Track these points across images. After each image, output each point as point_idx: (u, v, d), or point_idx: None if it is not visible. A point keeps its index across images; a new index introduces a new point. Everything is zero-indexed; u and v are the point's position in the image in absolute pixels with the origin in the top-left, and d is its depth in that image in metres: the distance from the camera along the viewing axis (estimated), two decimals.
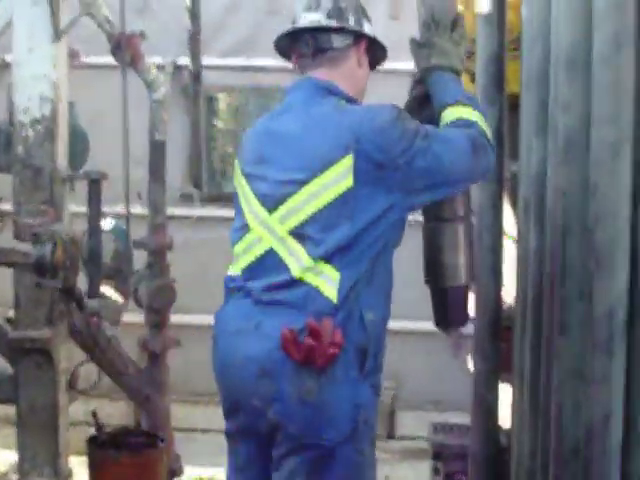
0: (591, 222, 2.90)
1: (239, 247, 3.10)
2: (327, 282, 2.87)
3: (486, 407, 4.32)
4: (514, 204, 4.67)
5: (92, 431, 4.75)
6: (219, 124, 7.73)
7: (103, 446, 4.66)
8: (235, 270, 3.10)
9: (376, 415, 3.01)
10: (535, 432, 3.58)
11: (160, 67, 5.25)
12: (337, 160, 2.88)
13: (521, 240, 3.98)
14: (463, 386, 6.39)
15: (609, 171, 2.83)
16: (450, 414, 6.51)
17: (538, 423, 3.51)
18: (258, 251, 3.02)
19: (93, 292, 4.39)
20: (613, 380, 2.90)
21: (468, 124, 2.99)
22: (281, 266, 2.94)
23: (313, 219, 2.90)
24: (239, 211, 3.14)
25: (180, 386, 6.17)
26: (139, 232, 5.14)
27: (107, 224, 4.97)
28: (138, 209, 5.36)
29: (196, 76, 6.51)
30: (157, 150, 5.00)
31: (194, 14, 6.85)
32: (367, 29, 3.15)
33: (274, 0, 6.87)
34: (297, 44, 3.14)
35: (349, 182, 2.86)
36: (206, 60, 7.01)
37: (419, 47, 3.19)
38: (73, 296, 4.11)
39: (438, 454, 4.62)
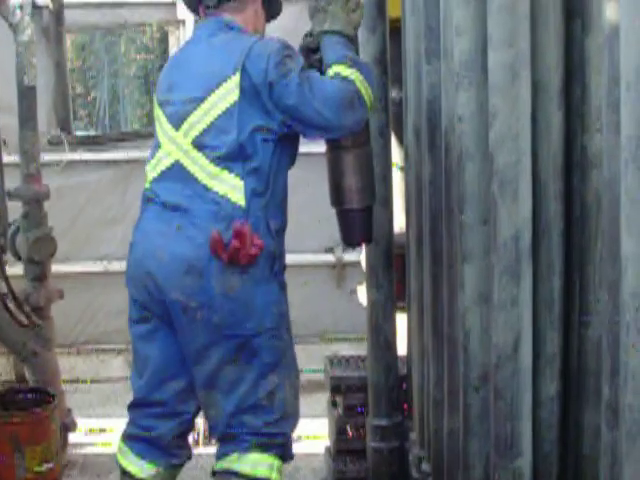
0: (492, 146, 2.86)
1: (150, 164, 3.41)
2: (233, 190, 3.21)
3: (383, 337, 4.31)
4: (397, 131, 4.64)
5: None
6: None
7: None
8: (147, 185, 3.40)
9: (287, 308, 3.41)
10: (439, 360, 3.58)
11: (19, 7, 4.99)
12: (228, 77, 3.23)
13: (412, 168, 3.95)
14: (348, 317, 6.43)
15: (509, 94, 2.80)
16: (336, 345, 6.53)
17: (442, 351, 3.50)
18: (165, 164, 3.33)
19: None
20: (521, 304, 2.89)
21: (345, 79, 3.25)
22: (188, 175, 3.27)
23: (209, 129, 3.25)
24: (155, 136, 3.43)
25: (62, 337, 6.00)
26: (9, 182, 4.93)
27: None
28: (5, 158, 5.16)
29: (57, 16, 6.23)
30: (27, 96, 4.76)
31: None
32: None
33: None
34: None
35: (235, 96, 3.22)
36: None
37: (316, 12, 3.46)
38: None
39: (337, 387, 4.58)
